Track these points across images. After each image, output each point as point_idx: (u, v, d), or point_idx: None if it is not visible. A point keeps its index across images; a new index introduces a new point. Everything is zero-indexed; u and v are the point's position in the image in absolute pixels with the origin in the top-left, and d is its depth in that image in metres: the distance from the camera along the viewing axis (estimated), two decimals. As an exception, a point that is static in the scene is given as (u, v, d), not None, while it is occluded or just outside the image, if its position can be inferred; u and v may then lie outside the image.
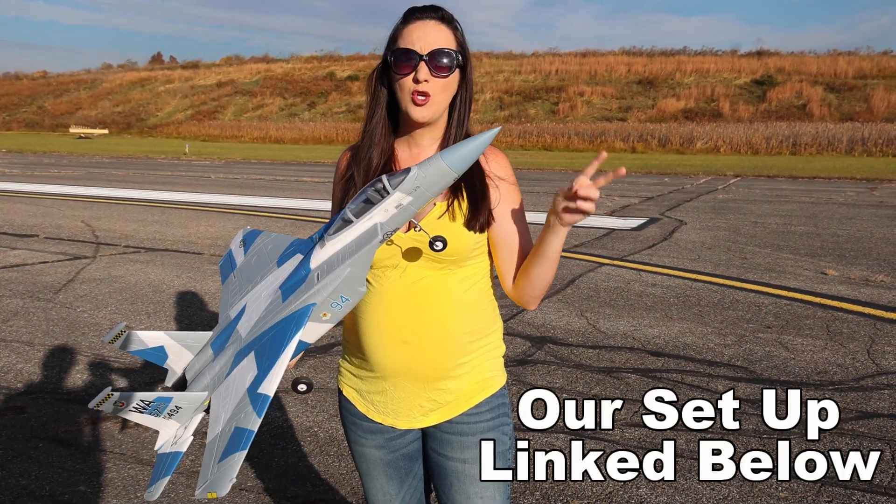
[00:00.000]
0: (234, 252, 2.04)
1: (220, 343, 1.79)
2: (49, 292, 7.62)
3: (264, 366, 1.60)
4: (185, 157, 37.71)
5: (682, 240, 11.28)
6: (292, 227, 12.64)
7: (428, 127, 1.91)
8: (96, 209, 14.94)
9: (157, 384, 5.00)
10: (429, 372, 1.90)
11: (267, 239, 1.96)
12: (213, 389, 1.72)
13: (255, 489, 3.64)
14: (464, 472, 1.97)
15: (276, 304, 1.72)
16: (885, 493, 3.62)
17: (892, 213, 14.74)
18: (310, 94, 76.78)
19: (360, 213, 1.64)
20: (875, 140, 39.46)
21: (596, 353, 5.66)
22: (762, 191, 19.92)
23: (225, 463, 1.50)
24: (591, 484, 3.69)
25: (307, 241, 1.80)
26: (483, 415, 1.97)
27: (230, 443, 1.53)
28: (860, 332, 6.27)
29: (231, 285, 1.95)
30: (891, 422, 4.45)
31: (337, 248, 1.67)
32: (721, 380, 5.13)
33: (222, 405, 1.64)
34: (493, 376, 2.00)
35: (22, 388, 4.96)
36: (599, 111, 58.86)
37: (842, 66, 61.10)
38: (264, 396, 1.54)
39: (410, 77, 1.81)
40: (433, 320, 1.87)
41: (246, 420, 1.53)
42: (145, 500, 1.69)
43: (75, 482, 3.69)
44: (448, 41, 1.84)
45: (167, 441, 1.74)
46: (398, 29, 1.87)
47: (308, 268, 1.69)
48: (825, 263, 9.32)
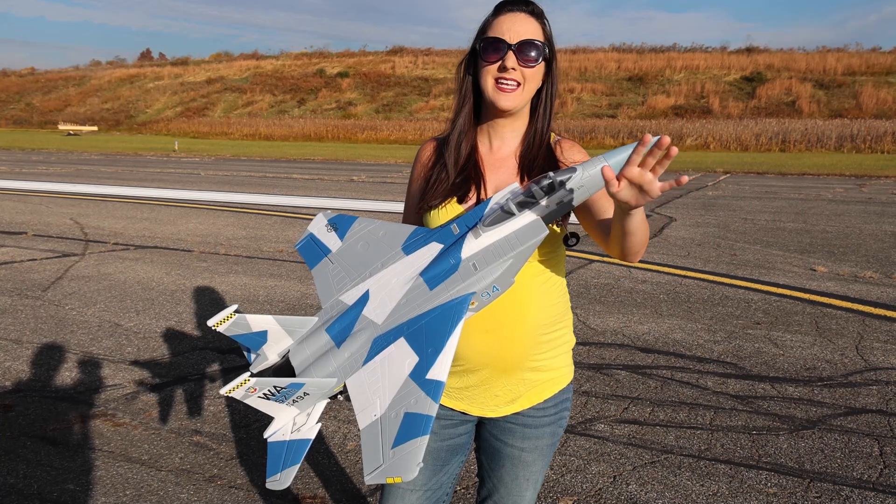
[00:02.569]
0: (321, 236, 2.01)
1: (340, 329, 1.77)
2: (37, 290, 7.59)
3: (427, 352, 1.64)
4: (175, 155, 37.58)
5: (672, 236, 11.31)
6: (282, 223, 12.62)
7: (510, 118, 1.97)
8: (85, 206, 14.88)
9: (144, 381, 5.00)
10: (508, 362, 1.96)
11: (371, 225, 1.95)
12: (344, 376, 1.73)
13: (243, 487, 3.64)
14: (520, 458, 2.07)
15: (420, 291, 1.74)
16: (872, 488, 3.64)
17: (880, 209, 14.81)
18: (300, 90, 76.61)
19: (523, 207, 1.68)
20: (864, 137, 39.61)
21: (586, 350, 5.67)
22: (752, 187, 19.97)
23: (404, 448, 1.54)
24: (581, 481, 3.70)
25: (441, 231, 1.81)
26: (548, 409, 2.05)
27: (403, 429, 1.56)
28: (849, 328, 6.30)
29: (329, 269, 1.93)
30: (879, 417, 4.47)
31: (495, 239, 1.70)
32: (711, 376, 5.15)
33: (372, 391, 1.67)
34: (563, 373, 2.07)
35: (10, 386, 4.94)
36: (590, 108, 58.92)
37: (831, 62, 61.36)
38: (437, 382, 1.59)
39: (497, 65, 1.87)
40: (511, 311, 1.92)
41: (420, 406, 1.58)
42: (271, 488, 1.69)
43: (64, 480, 3.68)
44: (537, 33, 1.89)
45: (282, 429, 1.76)
46: (488, 20, 1.93)
47: (458, 257, 1.72)
48: (814, 260, 9.37)
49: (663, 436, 4.22)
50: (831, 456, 3.97)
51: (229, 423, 4.40)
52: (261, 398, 1.69)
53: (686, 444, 4.11)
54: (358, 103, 70.29)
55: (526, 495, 2.12)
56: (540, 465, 2.10)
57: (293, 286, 7.83)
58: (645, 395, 4.80)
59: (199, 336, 6.06)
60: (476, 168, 1.98)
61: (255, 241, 10.81)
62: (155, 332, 6.16)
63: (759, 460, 3.92)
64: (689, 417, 4.46)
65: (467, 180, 1.96)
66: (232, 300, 7.20)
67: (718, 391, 4.88)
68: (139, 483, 3.67)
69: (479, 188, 1.94)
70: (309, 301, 7.18)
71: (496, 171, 1.98)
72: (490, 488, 2.16)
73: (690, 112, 54.21)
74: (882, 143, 38.67)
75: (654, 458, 3.94)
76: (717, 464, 3.88)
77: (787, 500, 3.53)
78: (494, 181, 1.95)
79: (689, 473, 3.78)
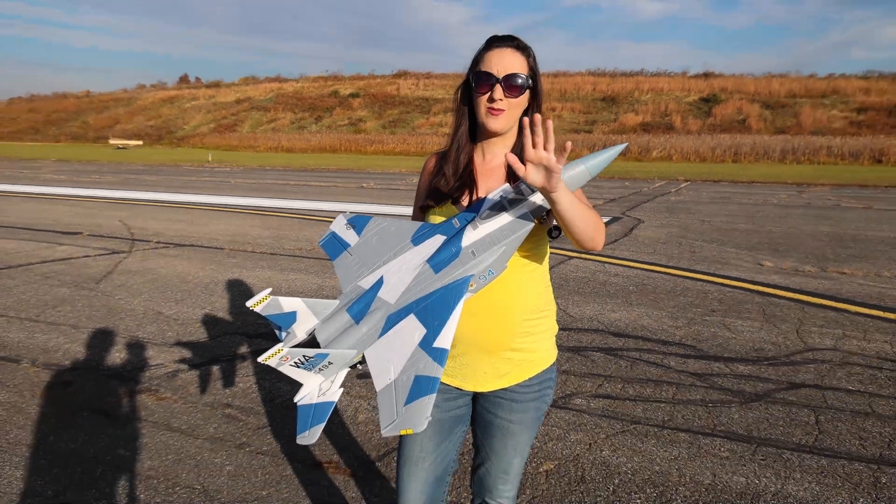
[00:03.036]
0: (341, 233, 2.05)
1: (358, 309, 1.83)
2: (91, 282, 7.58)
3: (433, 325, 1.71)
4: (209, 165, 37.49)
5: (641, 236, 11.31)
6: (301, 224, 12.60)
7: (500, 137, 2.00)
8: (132, 210, 14.84)
9: (183, 361, 5.00)
10: (492, 343, 1.98)
11: (384, 222, 1.99)
12: (362, 348, 1.78)
13: (269, 453, 3.65)
14: (508, 429, 2.09)
15: (426, 275, 1.80)
16: (809, 451, 3.65)
17: (818, 212, 14.82)
18: (317, 109, 76.46)
19: (513, 203, 1.76)
20: (804, 150, 39.70)
21: (566, 335, 5.67)
22: (709, 193, 19.98)
23: (415, 405, 1.61)
24: (561, 448, 3.71)
25: (444, 226, 1.86)
26: (533, 387, 2.06)
27: (414, 388, 1.63)
28: (791, 315, 6.31)
29: (348, 261, 1.98)
30: (815, 391, 4.48)
31: (490, 230, 1.77)
32: (673, 357, 5.16)
33: (386, 359, 1.72)
34: (546, 356, 2.08)
35: (69, 365, 4.94)
36: (569, 124, 58.89)
37: (775, 86, 61.51)
38: (442, 350, 1.67)
39: (487, 95, 1.89)
40: (498, 299, 1.94)
41: (428, 369, 1.65)
42: (301, 443, 1.74)
43: (115, 446, 3.69)
44: (521, 67, 1.90)
45: (310, 393, 1.80)
46: (480, 54, 1.94)
47: (459, 246, 1.78)
48: (762, 256, 9.37)
49: (632, 408, 4.23)
50: (775, 424, 3.99)
51: (257, 398, 4.40)
52: (292, 366, 1.74)
53: (651, 416, 4.12)
54: (367, 120, 70.19)
55: (514, 462, 2.14)
56: (526, 437, 2.11)
57: (311, 279, 7.83)
58: (616, 374, 4.81)
59: (231, 322, 6.06)
60: (471, 176, 2.00)
61: (278, 240, 10.80)
62: (192, 318, 6.16)
63: (713, 429, 3.93)
64: (655, 392, 4.47)
65: (462, 186, 1.99)
66: (258, 291, 7.16)
67: (680, 369, 4.89)
68: (179, 449, 3.68)
69: (471, 192, 1.98)
70: (325, 292, 7.18)
71: (487, 178, 2.00)
72: (483, 456, 2.18)
73: (656, 128, 54.22)
74: (818, 156, 38.83)
75: (625, 428, 3.95)
76: (678, 432, 3.89)
77: (738, 462, 3.54)
78: (485, 187, 1.97)
79: (654, 440, 3.79)
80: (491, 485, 2.17)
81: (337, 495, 3.25)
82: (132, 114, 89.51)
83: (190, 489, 3.28)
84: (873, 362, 5.05)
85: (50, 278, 7.76)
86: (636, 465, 3.51)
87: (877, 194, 19.81)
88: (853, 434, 3.88)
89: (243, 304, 6.58)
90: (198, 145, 66.37)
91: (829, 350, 5.33)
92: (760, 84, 63.10)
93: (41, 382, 4.61)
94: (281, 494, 3.25)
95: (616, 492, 3.27)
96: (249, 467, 3.49)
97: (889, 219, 13.69)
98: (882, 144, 38.38)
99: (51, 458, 3.57)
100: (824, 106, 55.71)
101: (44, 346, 5.36)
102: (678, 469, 3.48)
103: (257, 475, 3.42)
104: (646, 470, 3.47)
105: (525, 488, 3.29)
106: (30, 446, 3.69)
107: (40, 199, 17.04)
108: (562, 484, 3.34)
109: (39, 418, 4.05)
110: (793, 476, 3.41)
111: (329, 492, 3.28)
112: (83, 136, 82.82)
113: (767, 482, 3.35)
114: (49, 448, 3.68)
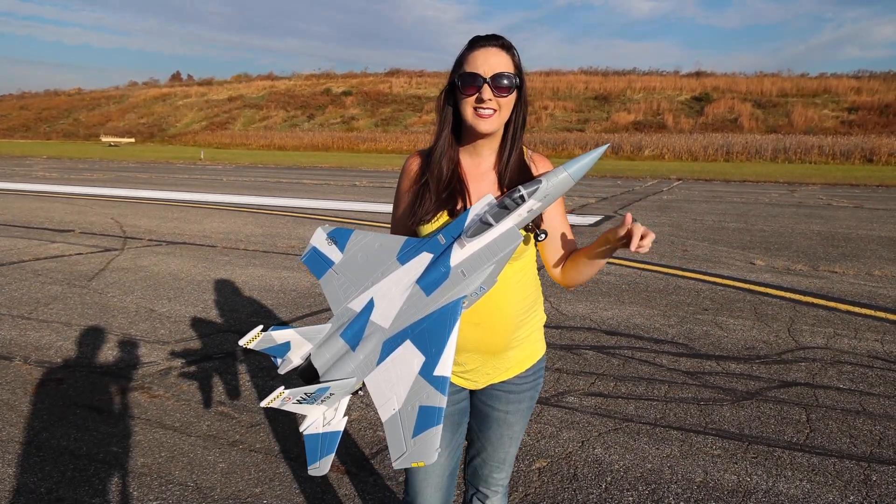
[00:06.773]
0: (323, 249, 1.96)
1: (352, 333, 1.78)
2: (84, 280, 7.55)
3: (431, 351, 1.68)
4: (201, 163, 37.37)
5: (632, 234, 11.31)
6: (294, 222, 12.59)
7: (488, 139, 1.95)
8: (124, 208, 14.79)
9: (176, 359, 4.99)
10: (495, 347, 2.01)
11: (367, 237, 1.91)
12: (362, 375, 1.75)
13: (262, 450, 3.65)
14: (504, 420, 2.13)
15: (417, 297, 1.75)
16: (800, 449, 3.68)
17: (809, 211, 14.88)
18: (309, 107, 76.30)
19: (499, 218, 1.71)
20: (795, 149, 39.86)
21: (559, 333, 5.69)
22: (700, 192, 20.03)
23: (423, 437, 1.60)
24: (554, 445, 3.72)
25: (429, 241, 1.80)
26: (528, 377, 2.11)
27: (420, 420, 1.62)
28: (782, 314, 6.34)
29: (335, 280, 1.90)
30: (806, 389, 4.51)
31: (478, 248, 1.72)
32: (665, 355, 5.18)
33: (387, 388, 1.70)
34: (538, 347, 2.14)
35: (61, 362, 4.93)
36: (561, 123, 58.92)
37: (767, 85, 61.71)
38: (443, 378, 1.64)
39: (475, 97, 1.85)
40: (496, 307, 1.95)
41: (431, 400, 1.63)
42: (312, 474, 1.74)
43: (108, 443, 3.68)
44: (508, 65, 1.86)
45: (314, 423, 1.79)
46: (464, 55, 1.89)
47: (448, 265, 1.73)
48: (753, 255, 9.41)
49: (624, 406, 4.24)
50: (766, 422, 4.01)
51: (250, 396, 4.39)
52: (294, 404, 1.73)
53: (644, 414, 4.13)
54: (360, 118, 70.10)
55: (510, 451, 2.19)
56: (520, 426, 2.16)
57: (303, 277, 7.82)
58: (609, 372, 4.82)
59: (223, 320, 6.05)
60: (460, 182, 1.96)
61: (271, 238, 10.78)
62: (184, 316, 6.15)
63: (705, 427, 3.95)
64: (647, 390, 4.49)
65: (453, 194, 1.94)
66: (250, 290, 7.18)
67: (672, 368, 4.91)
68: (172, 446, 3.68)
69: (464, 200, 1.94)
70: (317, 290, 7.18)
71: (478, 183, 1.97)
72: (479, 447, 2.21)
73: (648, 127, 54.32)
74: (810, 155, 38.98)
75: (617, 426, 3.97)
76: (670, 430, 3.91)
77: (730, 460, 3.56)
78: (478, 192, 1.95)
79: (647, 438, 3.80)
80: (487, 474, 2.22)
81: (330, 492, 3.25)
82: (124, 111, 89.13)
83: (183, 486, 3.28)
84: (864, 361, 5.08)
85: (42, 276, 7.73)
86: (628, 463, 3.53)
87: (867, 193, 19.92)
88: (844, 432, 3.90)
89: (236, 302, 6.58)
90: (190, 143, 66.12)
91: (820, 348, 5.36)
92: (752, 83, 63.31)
93: (34, 380, 4.59)
94: (274, 492, 3.25)
95: (608, 489, 3.29)
96: (242, 465, 3.49)
97: (880, 218, 13.76)
98: (873, 144, 38.59)
99: (43, 455, 3.56)
100: (816, 105, 55.97)
101: (36, 343, 5.34)
102: (670, 467, 3.49)
103: (250, 472, 3.42)
104: (638, 467, 3.49)
105: (517, 486, 3.30)
106: (22, 443, 3.68)
107: (32, 197, 16.96)
108: (554, 481, 3.35)
109: (32, 415, 4.03)
110: (784, 474, 3.43)
111: (322, 489, 3.28)
112: (75, 134, 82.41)
113: (759, 480, 3.37)
114: (42, 445, 3.67)
